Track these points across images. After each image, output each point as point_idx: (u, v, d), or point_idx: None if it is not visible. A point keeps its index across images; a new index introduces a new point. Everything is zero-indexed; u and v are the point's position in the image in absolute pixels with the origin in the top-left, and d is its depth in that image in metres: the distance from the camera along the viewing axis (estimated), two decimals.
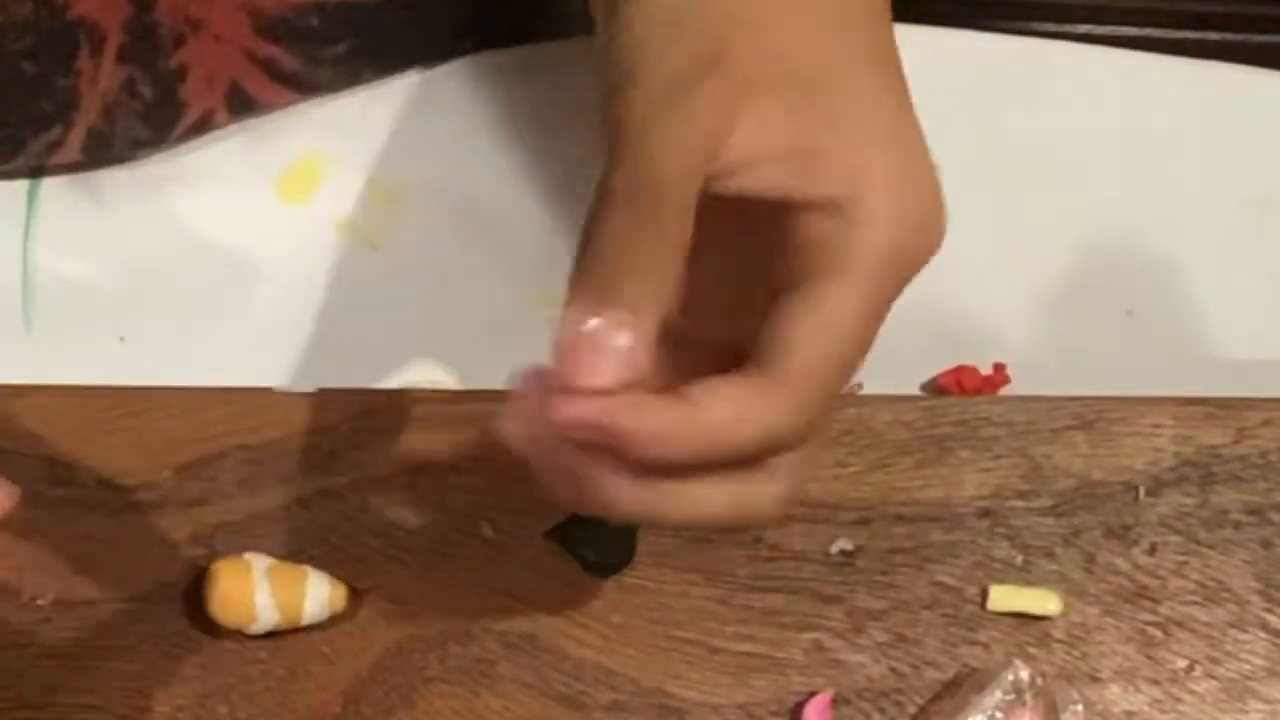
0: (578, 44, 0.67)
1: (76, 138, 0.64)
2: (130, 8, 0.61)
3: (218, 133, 0.66)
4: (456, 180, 0.65)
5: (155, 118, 0.64)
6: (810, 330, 0.44)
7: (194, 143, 0.66)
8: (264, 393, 0.59)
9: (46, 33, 0.60)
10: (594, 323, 0.42)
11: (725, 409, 0.44)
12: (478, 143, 0.66)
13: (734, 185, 0.44)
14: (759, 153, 0.44)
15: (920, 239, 0.45)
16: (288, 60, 0.64)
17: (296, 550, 0.57)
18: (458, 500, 0.57)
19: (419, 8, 0.67)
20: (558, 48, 0.68)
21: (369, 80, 0.67)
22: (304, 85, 0.66)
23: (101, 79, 0.62)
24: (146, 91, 0.63)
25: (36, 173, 0.65)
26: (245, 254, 0.64)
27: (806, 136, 0.44)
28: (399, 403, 0.59)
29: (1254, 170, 0.66)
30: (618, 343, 0.43)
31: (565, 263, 0.44)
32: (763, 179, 0.44)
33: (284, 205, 0.65)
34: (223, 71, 0.64)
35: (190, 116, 0.64)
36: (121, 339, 0.62)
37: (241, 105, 0.65)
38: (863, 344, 0.45)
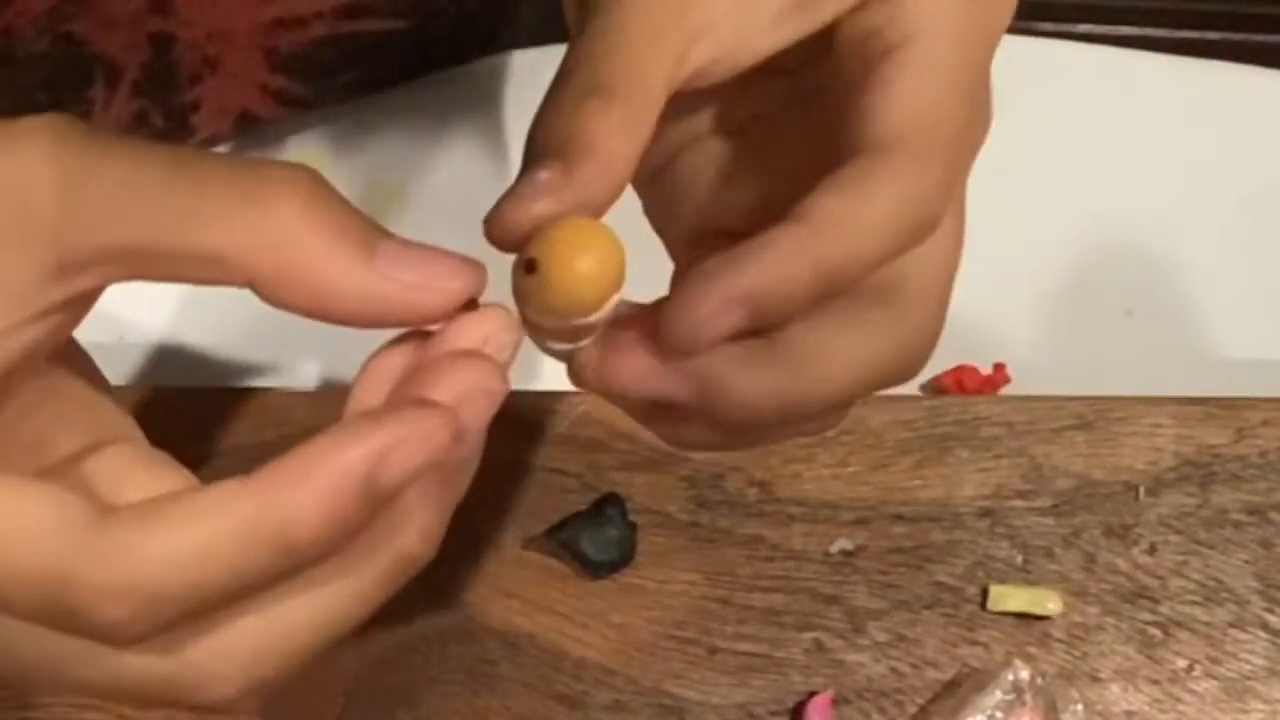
0: None
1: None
2: (150, 49, 0.61)
3: None
4: (456, 181, 0.65)
5: (164, 141, 0.64)
6: (904, 94, 0.38)
7: None
8: (264, 392, 0.59)
9: (63, 65, 0.60)
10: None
11: (847, 204, 0.37)
12: (477, 144, 0.66)
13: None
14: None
15: (993, 13, 0.40)
16: (298, 89, 0.65)
17: None
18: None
19: (425, 32, 0.67)
20: (558, 51, 0.68)
21: (372, 98, 0.67)
22: (310, 106, 0.66)
23: (115, 109, 0.62)
24: (158, 121, 0.63)
25: None
26: None
27: None
28: None
29: (1254, 170, 0.66)
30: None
31: None
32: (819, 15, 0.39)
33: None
34: (235, 102, 0.64)
35: (197, 138, 0.65)
36: (121, 338, 0.62)
37: (248, 125, 0.65)
38: (966, 99, 0.39)
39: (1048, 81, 0.67)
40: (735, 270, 0.37)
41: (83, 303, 0.35)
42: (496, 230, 0.38)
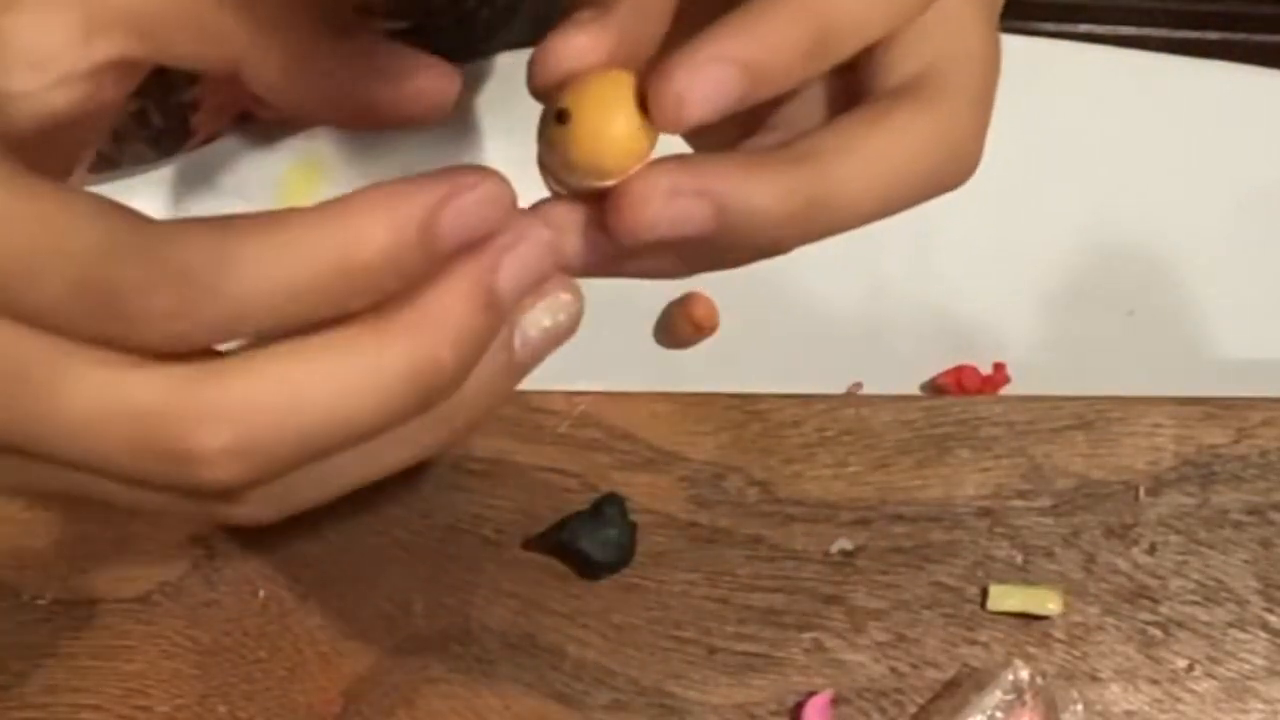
0: None
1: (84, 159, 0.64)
2: None
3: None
4: None
5: (164, 142, 0.64)
6: (922, 31, 0.36)
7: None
8: None
9: None
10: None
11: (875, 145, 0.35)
12: (477, 144, 0.66)
13: None
14: None
15: None
16: None
17: (295, 550, 0.57)
18: (458, 500, 0.57)
19: (425, 32, 0.67)
20: None
21: None
22: None
23: None
24: (157, 121, 0.63)
25: None
26: None
27: None
28: None
29: (1254, 170, 0.66)
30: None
31: None
32: None
33: (284, 207, 0.65)
34: (234, 103, 0.64)
35: (197, 139, 0.65)
36: None
37: (247, 125, 0.65)
38: (983, 34, 0.37)
39: (1048, 81, 0.67)
40: (726, 29, 0.34)
41: (106, 77, 0.35)
42: (538, 69, 0.36)
